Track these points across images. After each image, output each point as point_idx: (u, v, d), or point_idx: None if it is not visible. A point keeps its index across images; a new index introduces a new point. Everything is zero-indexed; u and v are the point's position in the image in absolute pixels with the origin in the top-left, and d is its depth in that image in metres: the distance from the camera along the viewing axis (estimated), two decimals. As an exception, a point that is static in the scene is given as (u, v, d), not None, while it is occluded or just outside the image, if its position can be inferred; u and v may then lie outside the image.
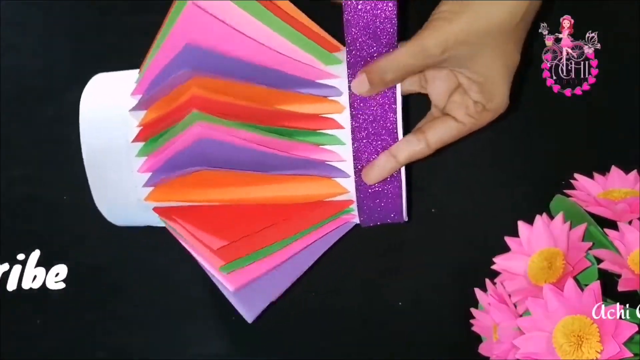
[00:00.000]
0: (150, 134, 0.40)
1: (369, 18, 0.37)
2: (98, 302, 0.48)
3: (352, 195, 0.40)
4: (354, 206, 0.41)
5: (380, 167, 0.39)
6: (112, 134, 0.41)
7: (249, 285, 0.39)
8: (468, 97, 0.39)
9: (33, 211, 0.51)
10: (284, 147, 0.38)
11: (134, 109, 0.40)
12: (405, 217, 0.42)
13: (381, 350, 0.46)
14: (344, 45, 0.39)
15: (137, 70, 0.42)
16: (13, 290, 0.49)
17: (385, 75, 0.37)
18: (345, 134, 0.39)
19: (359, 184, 0.40)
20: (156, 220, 0.43)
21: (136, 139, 0.40)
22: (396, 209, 0.41)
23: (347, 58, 0.38)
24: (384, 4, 0.36)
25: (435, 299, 0.46)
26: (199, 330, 0.47)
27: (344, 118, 0.39)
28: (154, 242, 0.49)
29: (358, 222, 0.42)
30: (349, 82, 0.38)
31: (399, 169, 0.40)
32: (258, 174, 0.39)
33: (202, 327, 0.47)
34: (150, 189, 0.41)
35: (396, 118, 0.39)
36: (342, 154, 0.39)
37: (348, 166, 0.40)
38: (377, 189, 0.40)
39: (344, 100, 0.39)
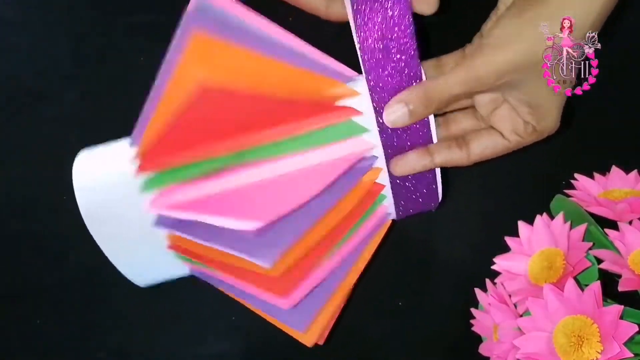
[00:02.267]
0: (156, 160, 0.36)
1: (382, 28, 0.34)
2: (98, 302, 0.48)
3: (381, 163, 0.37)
4: (386, 193, 0.39)
5: (413, 161, 0.37)
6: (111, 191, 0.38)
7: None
8: (517, 114, 0.37)
9: (33, 211, 0.51)
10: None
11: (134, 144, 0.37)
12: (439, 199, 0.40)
13: (381, 350, 0.46)
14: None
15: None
16: (13, 290, 0.49)
17: (431, 104, 0.35)
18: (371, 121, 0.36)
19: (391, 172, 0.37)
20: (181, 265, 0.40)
21: (140, 169, 0.36)
22: (431, 196, 0.39)
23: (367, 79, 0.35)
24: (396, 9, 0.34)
25: (435, 299, 0.46)
26: (199, 330, 0.47)
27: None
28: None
29: (393, 216, 0.41)
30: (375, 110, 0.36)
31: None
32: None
33: (202, 327, 0.47)
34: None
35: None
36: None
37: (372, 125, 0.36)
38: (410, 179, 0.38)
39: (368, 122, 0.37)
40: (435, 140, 0.38)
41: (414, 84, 0.35)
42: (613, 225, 0.37)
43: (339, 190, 0.36)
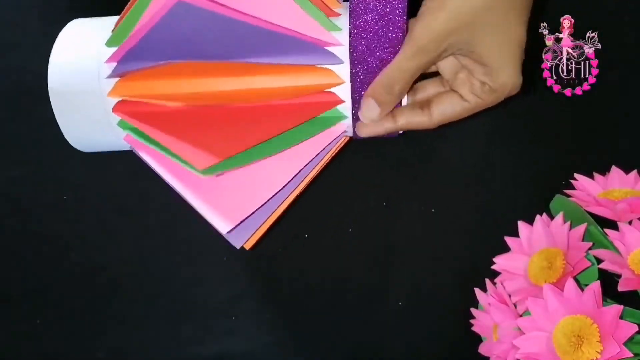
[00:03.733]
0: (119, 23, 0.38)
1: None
2: (98, 302, 0.48)
3: (345, 90, 0.38)
4: (344, 108, 0.38)
5: (377, 123, 0.38)
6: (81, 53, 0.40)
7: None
8: (473, 77, 0.37)
9: (33, 211, 0.51)
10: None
11: (111, 75, 0.39)
12: None
13: (381, 350, 0.46)
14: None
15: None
16: (13, 290, 0.49)
17: (393, 89, 0.36)
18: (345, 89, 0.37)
19: (356, 83, 0.37)
20: (123, 138, 0.40)
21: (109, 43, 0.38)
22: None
23: (350, 29, 0.36)
24: None
25: (435, 299, 0.46)
26: (199, 330, 0.47)
27: (344, 91, 0.38)
28: (154, 242, 0.50)
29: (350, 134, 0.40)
30: (351, 52, 0.36)
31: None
32: (240, 63, 0.37)
33: (202, 327, 0.47)
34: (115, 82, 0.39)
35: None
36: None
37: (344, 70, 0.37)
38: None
39: (344, 71, 0.37)
40: (404, 104, 0.38)
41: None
42: (613, 225, 0.37)
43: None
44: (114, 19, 0.42)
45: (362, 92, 0.37)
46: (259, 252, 0.47)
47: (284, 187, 0.38)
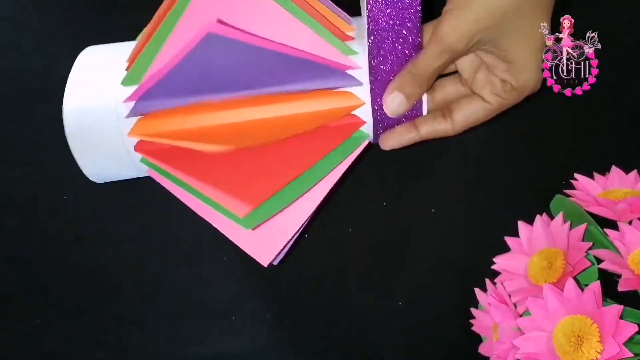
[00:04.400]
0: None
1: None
2: (98, 302, 0.48)
3: (366, 111, 0.39)
4: (366, 129, 0.39)
5: (400, 135, 0.38)
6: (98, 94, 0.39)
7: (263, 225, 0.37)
8: (494, 75, 0.37)
9: (33, 211, 0.51)
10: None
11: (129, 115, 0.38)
12: None
13: (381, 350, 0.46)
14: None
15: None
16: (13, 290, 0.49)
17: (421, 83, 0.36)
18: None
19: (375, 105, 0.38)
20: (142, 169, 0.40)
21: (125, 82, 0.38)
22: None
23: (368, 41, 0.37)
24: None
25: (435, 299, 0.46)
26: (199, 330, 0.47)
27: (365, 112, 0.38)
28: (154, 242, 0.50)
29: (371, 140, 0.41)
30: (370, 63, 0.37)
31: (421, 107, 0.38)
32: (263, 94, 0.37)
33: (202, 327, 0.47)
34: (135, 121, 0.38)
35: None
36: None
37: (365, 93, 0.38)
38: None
39: (364, 94, 0.38)
40: (425, 113, 0.38)
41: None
42: (613, 225, 0.37)
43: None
44: (126, 45, 0.42)
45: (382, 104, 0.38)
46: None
47: (314, 211, 0.39)
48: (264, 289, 0.48)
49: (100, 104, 0.39)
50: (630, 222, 0.37)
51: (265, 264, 0.38)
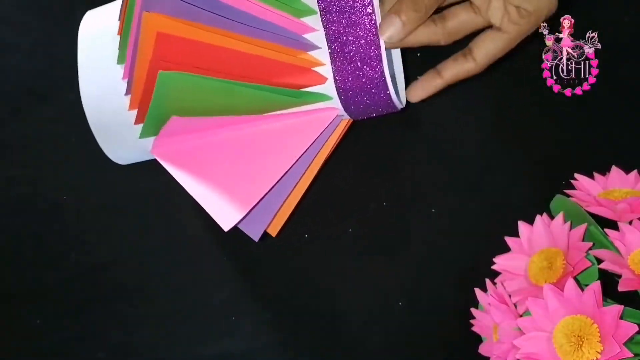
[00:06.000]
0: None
1: None
2: (98, 301, 0.48)
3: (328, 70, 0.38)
4: (328, 90, 0.38)
5: (426, 83, 0.37)
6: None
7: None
8: (509, 3, 0.36)
9: (33, 211, 0.51)
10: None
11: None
12: (397, 103, 0.39)
13: (381, 350, 0.46)
14: None
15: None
16: (13, 290, 0.49)
17: (419, 5, 0.34)
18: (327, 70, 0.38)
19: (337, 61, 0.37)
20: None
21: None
22: (382, 88, 0.38)
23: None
24: None
25: (435, 299, 0.46)
26: (199, 330, 0.47)
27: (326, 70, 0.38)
28: (154, 242, 0.50)
29: (341, 113, 0.40)
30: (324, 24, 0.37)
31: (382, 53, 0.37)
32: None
33: (202, 327, 0.47)
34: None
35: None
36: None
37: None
38: (357, 71, 0.37)
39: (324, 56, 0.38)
40: (383, 49, 0.37)
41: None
42: (613, 225, 0.37)
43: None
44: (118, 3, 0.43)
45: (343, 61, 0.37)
46: (259, 252, 0.47)
47: (285, 175, 0.39)
48: (264, 289, 0.48)
49: (113, 101, 0.41)
50: (630, 222, 0.37)
51: (226, 228, 0.38)
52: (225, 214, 0.38)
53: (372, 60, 0.37)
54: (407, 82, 0.41)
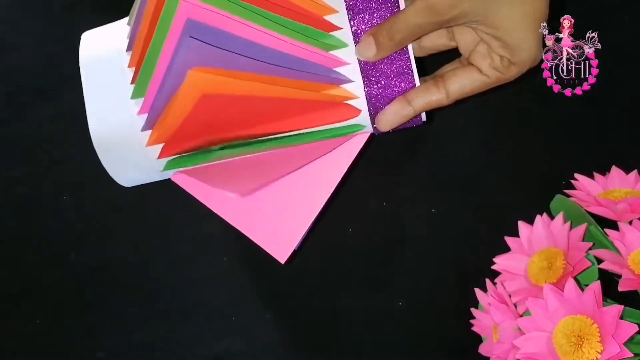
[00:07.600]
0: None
1: None
2: (98, 302, 0.48)
3: (361, 102, 0.38)
4: (362, 120, 0.39)
5: (395, 113, 0.37)
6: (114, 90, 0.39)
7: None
8: (492, 50, 0.36)
9: (33, 211, 0.51)
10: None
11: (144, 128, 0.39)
12: (423, 117, 0.40)
13: (381, 351, 0.46)
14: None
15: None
16: (13, 290, 0.49)
17: (394, 37, 0.35)
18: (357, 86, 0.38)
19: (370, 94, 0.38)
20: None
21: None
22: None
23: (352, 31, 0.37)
24: None
25: (435, 299, 0.46)
26: (199, 330, 0.47)
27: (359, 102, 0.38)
28: (154, 242, 0.50)
29: (371, 130, 0.40)
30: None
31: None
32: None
33: (202, 327, 0.47)
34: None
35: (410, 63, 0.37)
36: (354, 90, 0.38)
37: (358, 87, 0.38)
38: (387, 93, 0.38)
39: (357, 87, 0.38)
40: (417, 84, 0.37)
41: None
42: (613, 225, 0.37)
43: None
44: (119, 26, 0.42)
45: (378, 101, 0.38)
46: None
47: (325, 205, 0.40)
48: (264, 289, 0.48)
49: (119, 119, 0.39)
50: (630, 222, 0.37)
51: (282, 260, 0.39)
52: (280, 247, 0.39)
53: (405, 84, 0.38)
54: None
